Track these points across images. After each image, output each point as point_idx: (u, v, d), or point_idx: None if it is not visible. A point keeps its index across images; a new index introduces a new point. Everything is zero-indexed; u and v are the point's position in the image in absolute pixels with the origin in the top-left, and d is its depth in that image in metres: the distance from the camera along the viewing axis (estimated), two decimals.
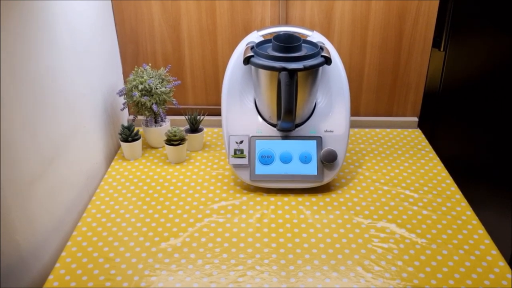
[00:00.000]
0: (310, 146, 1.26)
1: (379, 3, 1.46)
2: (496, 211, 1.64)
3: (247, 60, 1.19)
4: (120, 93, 1.42)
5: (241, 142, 1.26)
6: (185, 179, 1.34)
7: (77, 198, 1.22)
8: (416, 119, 1.64)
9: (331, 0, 1.46)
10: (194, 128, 1.47)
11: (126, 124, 1.46)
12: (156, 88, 1.40)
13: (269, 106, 1.24)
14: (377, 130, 1.62)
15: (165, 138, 1.40)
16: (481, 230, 1.13)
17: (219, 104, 1.30)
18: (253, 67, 1.22)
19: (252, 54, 1.20)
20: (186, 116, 1.46)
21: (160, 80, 1.42)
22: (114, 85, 1.50)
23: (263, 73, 1.20)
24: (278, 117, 1.23)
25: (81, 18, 1.25)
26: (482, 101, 1.67)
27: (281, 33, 1.25)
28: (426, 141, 1.55)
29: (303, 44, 1.23)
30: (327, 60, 1.19)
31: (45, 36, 1.05)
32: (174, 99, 1.46)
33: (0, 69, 0.86)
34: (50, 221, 1.07)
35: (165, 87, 1.42)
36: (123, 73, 1.60)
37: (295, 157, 1.26)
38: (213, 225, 1.16)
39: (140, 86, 1.39)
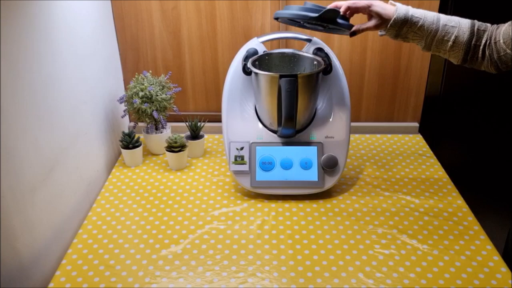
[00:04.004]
0: (310, 152, 1.26)
1: None
2: (498, 216, 1.64)
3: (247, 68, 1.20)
4: (121, 100, 1.43)
5: (242, 148, 1.26)
6: (186, 186, 1.34)
7: (78, 205, 1.22)
8: (417, 124, 1.64)
9: None
10: (195, 134, 1.47)
11: (126, 131, 1.46)
12: (157, 95, 1.40)
13: (270, 113, 1.24)
14: (378, 135, 1.62)
15: (166, 145, 1.40)
16: (483, 236, 1.13)
17: (220, 111, 1.30)
18: (253, 74, 1.22)
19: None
20: (187, 123, 1.46)
21: (161, 87, 1.43)
22: (115, 92, 1.50)
23: (263, 79, 1.20)
24: (279, 124, 1.23)
25: (82, 26, 1.25)
26: (482, 106, 1.67)
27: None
28: (427, 146, 1.55)
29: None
30: (327, 67, 1.19)
31: (46, 44, 1.05)
32: (174, 106, 1.47)
33: (0, 76, 0.87)
34: (50, 229, 1.07)
35: (166, 94, 1.42)
36: (124, 80, 1.60)
37: (296, 163, 1.25)
38: (214, 231, 1.15)
39: (141, 93, 1.39)
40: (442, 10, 1.48)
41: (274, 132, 1.28)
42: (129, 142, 1.41)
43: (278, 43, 1.52)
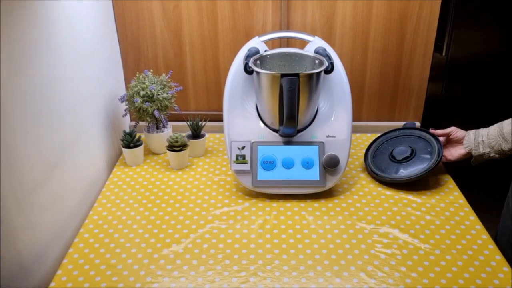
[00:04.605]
0: (312, 152, 1.26)
1: (380, 7, 1.46)
2: (499, 216, 1.63)
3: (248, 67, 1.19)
4: (122, 99, 1.42)
5: (243, 147, 1.26)
6: (187, 185, 1.34)
7: (79, 204, 1.22)
8: (418, 124, 1.64)
9: (332, 5, 1.46)
10: (196, 134, 1.47)
11: (127, 130, 1.46)
12: (158, 94, 1.40)
13: (271, 112, 1.24)
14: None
15: (167, 144, 1.39)
16: (485, 235, 1.13)
17: (221, 110, 1.30)
18: (254, 73, 1.22)
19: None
20: (188, 122, 1.46)
21: (162, 86, 1.42)
22: (116, 91, 1.50)
23: (265, 78, 1.20)
24: (280, 123, 1.23)
25: (82, 25, 1.25)
26: (483, 106, 1.66)
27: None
28: None
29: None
30: (329, 66, 1.19)
31: (47, 43, 1.05)
32: (175, 105, 1.46)
33: (1, 75, 0.86)
34: (51, 228, 1.07)
35: (167, 93, 1.42)
36: (125, 79, 1.60)
37: (297, 163, 1.25)
38: (215, 231, 1.15)
39: (142, 92, 1.39)
40: (444, 14, 1.48)
41: (276, 131, 1.27)
42: (130, 141, 1.40)
43: (280, 42, 1.52)
